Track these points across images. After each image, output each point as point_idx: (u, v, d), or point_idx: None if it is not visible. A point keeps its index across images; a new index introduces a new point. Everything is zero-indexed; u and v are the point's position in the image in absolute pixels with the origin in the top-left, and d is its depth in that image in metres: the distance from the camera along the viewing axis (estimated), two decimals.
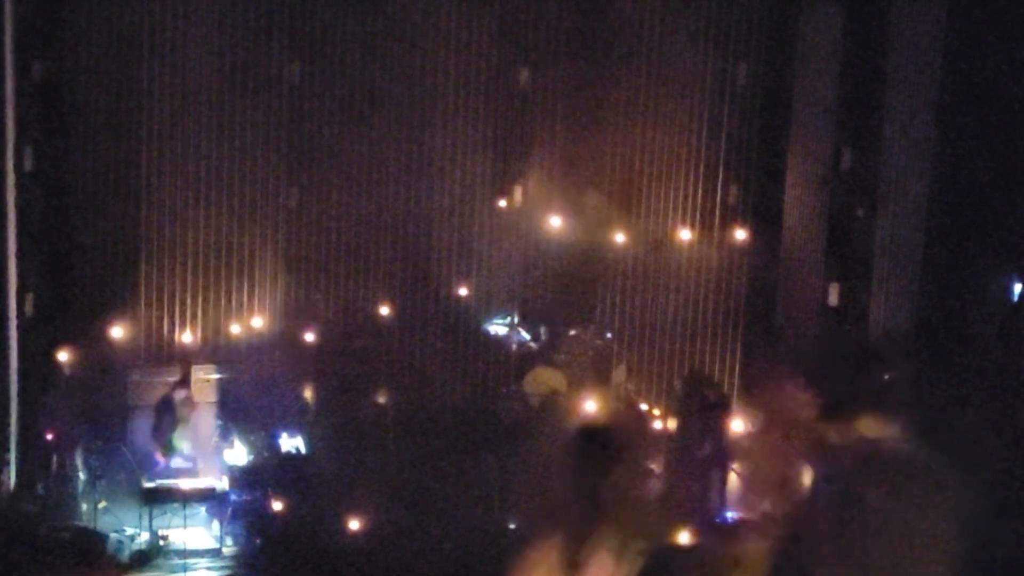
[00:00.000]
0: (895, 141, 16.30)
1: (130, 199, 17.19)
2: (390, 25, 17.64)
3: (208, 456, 15.68)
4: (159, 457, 15.55)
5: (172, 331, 17.54)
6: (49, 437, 15.61)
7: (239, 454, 15.79)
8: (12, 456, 15.22)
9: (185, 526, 14.75)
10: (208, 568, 14.54)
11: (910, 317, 15.97)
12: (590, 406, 16.94)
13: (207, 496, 15.10)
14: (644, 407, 17.67)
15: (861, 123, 16.89)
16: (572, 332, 18.53)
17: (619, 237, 18.23)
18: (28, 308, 15.81)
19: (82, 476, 15.24)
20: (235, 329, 17.72)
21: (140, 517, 14.79)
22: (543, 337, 18.52)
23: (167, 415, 15.66)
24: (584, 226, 18.32)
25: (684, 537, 13.72)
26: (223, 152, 17.41)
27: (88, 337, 16.95)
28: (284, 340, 17.84)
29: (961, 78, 15.12)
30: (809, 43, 17.83)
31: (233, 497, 15.06)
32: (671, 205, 18.21)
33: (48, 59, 16.24)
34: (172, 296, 17.49)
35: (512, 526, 14.73)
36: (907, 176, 16.08)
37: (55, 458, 15.41)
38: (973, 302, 15.17)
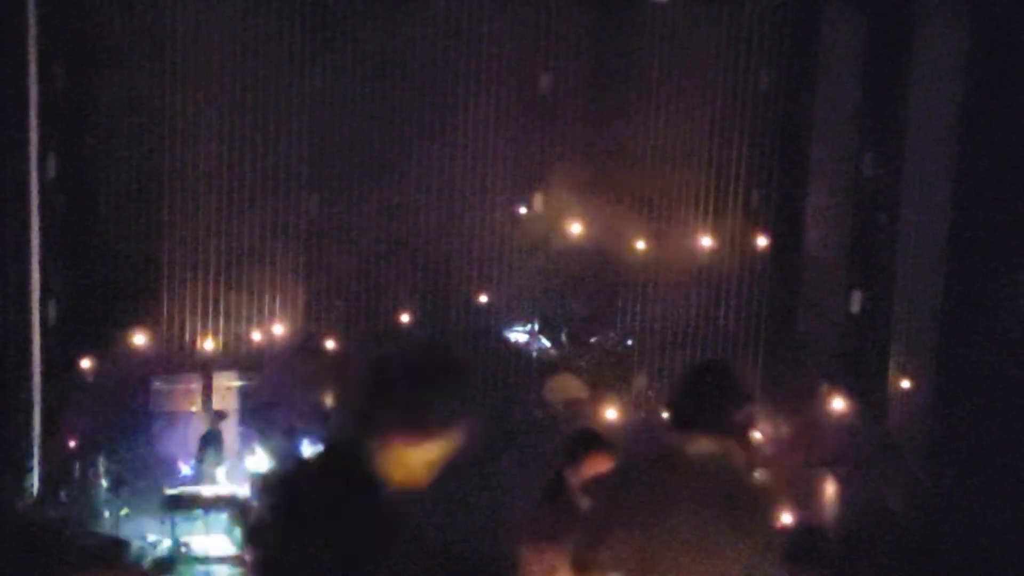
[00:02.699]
0: (918, 146, 16.23)
1: (153, 206, 17.24)
2: (412, 32, 17.64)
3: (231, 464, 15.71)
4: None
5: (194, 338, 17.56)
6: (72, 444, 15.64)
7: (261, 461, 15.77)
8: (35, 463, 15.21)
9: (207, 533, 14.73)
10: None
11: (934, 324, 15.88)
12: (611, 414, 16.91)
13: (229, 503, 15.08)
14: (666, 415, 17.59)
15: (884, 128, 16.82)
16: (593, 339, 18.49)
17: (640, 243, 18.18)
18: (51, 315, 15.81)
19: (104, 483, 15.25)
20: (257, 336, 17.73)
21: (162, 524, 14.78)
22: (564, 344, 18.47)
23: (212, 446, 15.66)
24: (605, 232, 18.27)
25: None
26: (245, 158, 17.42)
27: (111, 344, 16.98)
28: (305, 347, 17.83)
29: (985, 83, 15.03)
30: (831, 48, 17.77)
31: (255, 505, 15.03)
32: (692, 211, 18.16)
33: (71, 66, 16.27)
34: (194, 303, 17.51)
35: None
36: (931, 182, 16.00)
37: (77, 465, 15.44)
38: (998, 309, 15.07)
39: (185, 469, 15.55)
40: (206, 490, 15.19)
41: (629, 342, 18.42)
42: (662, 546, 5.10)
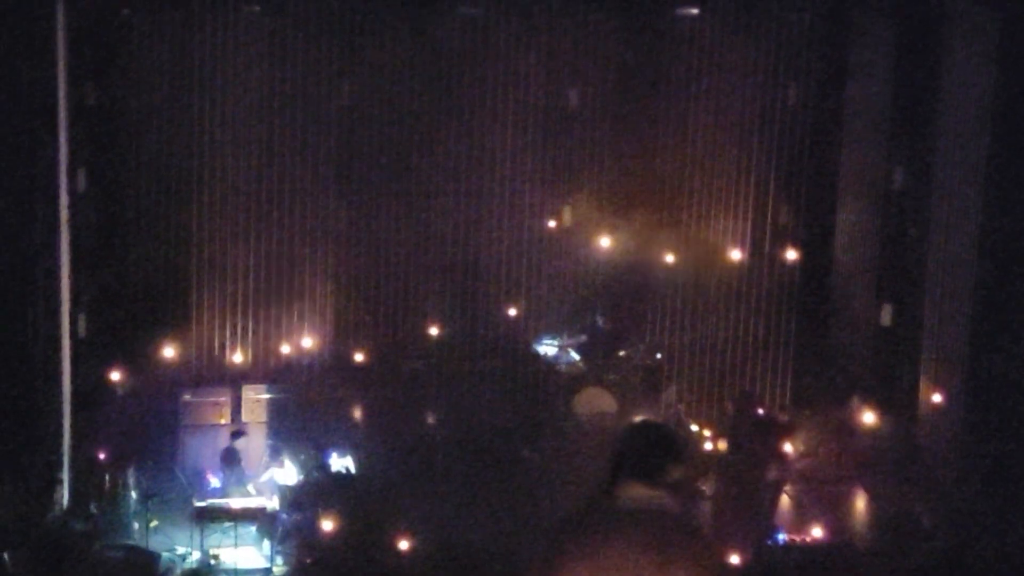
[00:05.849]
0: (947, 160, 16.18)
1: (182, 220, 17.33)
2: (440, 48, 17.69)
3: (259, 476, 15.74)
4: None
5: (223, 351, 17.63)
6: (102, 456, 15.70)
7: (289, 474, 15.80)
8: (65, 475, 15.29)
9: (236, 545, 14.76)
10: None
11: (964, 337, 15.80)
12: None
13: (258, 515, 15.10)
14: (695, 428, 17.56)
15: (913, 142, 16.77)
16: (622, 352, 18.44)
17: (669, 257, 18.15)
18: (81, 328, 15.91)
19: (134, 495, 15.31)
20: (286, 349, 17.79)
21: (191, 536, 14.82)
22: (593, 357, 18.43)
23: (235, 466, 15.68)
24: (634, 246, 18.25)
25: (736, 559, 13.63)
26: (274, 173, 17.51)
27: (140, 357, 17.07)
28: (334, 360, 17.88)
29: (1014, 95, 14.97)
30: (860, 62, 17.73)
31: (283, 516, 15.06)
32: (722, 225, 18.13)
33: (100, 81, 16.40)
34: (223, 316, 17.59)
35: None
36: (960, 195, 15.94)
37: (107, 477, 15.49)
38: None
39: (214, 481, 15.59)
40: (235, 502, 15.21)
41: (658, 355, 18.37)
42: None
